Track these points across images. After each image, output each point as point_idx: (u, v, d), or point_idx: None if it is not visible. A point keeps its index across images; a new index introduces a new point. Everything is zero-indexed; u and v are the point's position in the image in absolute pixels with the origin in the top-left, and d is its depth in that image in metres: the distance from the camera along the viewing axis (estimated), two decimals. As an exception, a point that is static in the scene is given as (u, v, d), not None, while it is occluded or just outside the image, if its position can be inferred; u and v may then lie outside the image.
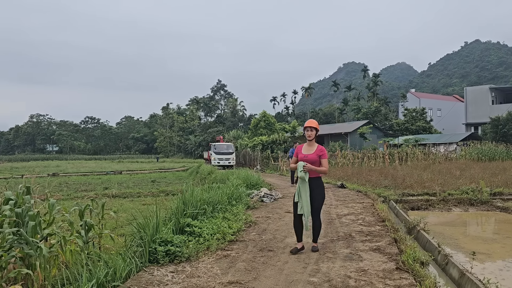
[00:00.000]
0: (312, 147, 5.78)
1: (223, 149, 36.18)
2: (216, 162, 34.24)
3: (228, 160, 35.09)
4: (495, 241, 7.71)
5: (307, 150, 5.78)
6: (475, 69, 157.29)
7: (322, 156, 5.68)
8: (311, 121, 5.84)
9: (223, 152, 35.51)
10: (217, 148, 36.05)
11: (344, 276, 4.67)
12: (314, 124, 5.77)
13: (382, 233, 6.95)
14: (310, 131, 5.74)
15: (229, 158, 35.38)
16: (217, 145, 36.93)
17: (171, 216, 6.89)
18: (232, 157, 35.77)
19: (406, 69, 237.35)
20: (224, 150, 35.93)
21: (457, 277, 4.84)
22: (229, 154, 35.65)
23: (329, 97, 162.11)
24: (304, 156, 5.67)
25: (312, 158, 5.64)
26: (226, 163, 34.76)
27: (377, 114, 64.29)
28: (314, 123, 5.80)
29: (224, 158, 34.99)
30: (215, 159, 34.74)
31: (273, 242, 6.44)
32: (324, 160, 5.68)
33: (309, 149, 5.78)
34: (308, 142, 5.82)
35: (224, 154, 35.29)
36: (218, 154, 35.16)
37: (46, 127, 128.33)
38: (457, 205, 11.27)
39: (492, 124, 42.40)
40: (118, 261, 4.64)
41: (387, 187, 13.90)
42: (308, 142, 5.83)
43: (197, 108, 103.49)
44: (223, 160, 34.79)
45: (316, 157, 5.65)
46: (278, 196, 12.42)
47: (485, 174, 15.93)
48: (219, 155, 35.01)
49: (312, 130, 5.75)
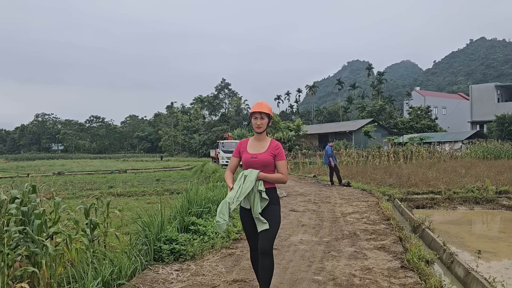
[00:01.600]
0: (262, 142, 3.88)
1: (231, 147, 33.52)
2: (225, 161, 32.10)
3: None
4: (501, 239, 7.67)
5: (256, 147, 3.87)
6: (481, 66, 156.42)
7: (279, 156, 3.80)
8: (260, 104, 3.89)
9: (231, 150, 32.17)
10: (225, 146, 33.93)
11: (349, 275, 4.66)
12: (265, 108, 3.83)
13: (387, 232, 6.93)
14: (260, 118, 3.81)
15: None
16: (226, 143, 34.90)
17: (176, 215, 6.91)
18: None
19: (411, 67, 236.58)
20: (233, 148, 33.81)
21: (463, 275, 4.82)
22: None
23: (334, 96, 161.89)
24: (252, 157, 3.78)
25: (264, 160, 3.74)
26: None
27: (381, 112, 64.11)
28: (264, 106, 3.87)
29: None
30: (223, 158, 32.61)
31: (278, 241, 6.44)
32: (282, 163, 3.80)
33: (258, 145, 3.87)
34: (257, 136, 3.91)
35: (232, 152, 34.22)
36: (226, 152, 32.76)
37: (51, 126, 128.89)
38: (462, 203, 11.21)
39: (497, 122, 42.12)
40: (123, 259, 4.66)
41: (392, 185, 13.86)
42: (256, 136, 3.92)
43: (202, 107, 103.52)
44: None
45: (269, 158, 3.76)
46: (282, 195, 12.42)
47: (490, 173, 15.85)
48: (227, 154, 32.53)
49: (263, 118, 3.82)
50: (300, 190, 14.17)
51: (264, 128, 3.86)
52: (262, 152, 3.80)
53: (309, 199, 11.57)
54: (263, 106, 3.86)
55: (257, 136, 3.91)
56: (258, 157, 3.77)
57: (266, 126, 3.87)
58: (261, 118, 3.82)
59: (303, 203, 10.87)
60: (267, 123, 3.88)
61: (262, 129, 3.84)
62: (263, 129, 3.85)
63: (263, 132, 3.88)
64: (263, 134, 3.90)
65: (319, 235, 6.80)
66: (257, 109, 3.83)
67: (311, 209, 9.68)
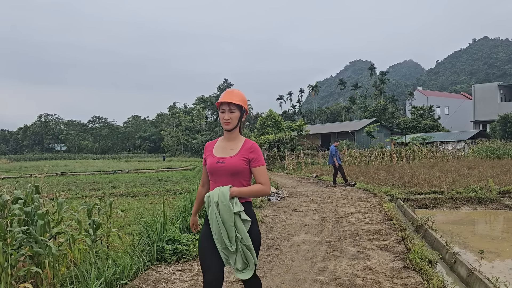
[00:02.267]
0: (233, 143, 2.96)
1: None
2: None
3: None
4: (504, 239, 7.65)
5: (224, 149, 2.96)
6: (484, 66, 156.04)
7: (255, 161, 2.88)
8: (230, 93, 2.95)
9: None
10: None
11: (351, 275, 4.66)
12: (235, 98, 2.90)
13: (389, 232, 6.92)
14: (228, 111, 2.89)
15: None
16: None
17: (178, 215, 6.92)
18: None
19: (414, 67, 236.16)
20: None
21: (465, 276, 4.81)
22: None
23: (336, 96, 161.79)
24: (218, 161, 2.87)
25: (233, 166, 2.83)
26: None
27: (384, 112, 63.99)
28: (235, 96, 2.92)
29: None
30: None
31: (280, 241, 6.44)
32: (260, 170, 2.87)
33: (227, 147, 2.96)
34: (226, 134, 2.99)
35: None
36: None
37: (54, 126, 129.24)
38: (465, 203, 11.18)
39: (500, 122, 42.01)
40: (126, 259, 4.67)
41: (395, 185, 13.84)
42: (225, 134, 3.00)
43: (204, 107, 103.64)
44: None
45: (241, 164, 2.84)
46: (285, 195, 12.43)
47: (493, 172, 15.80)
48: None
49: (233, 111, 2.89)
50: (303, 190, 14.17)
51: (234, 124, 2.92)
52: (231, 155, 2.87)
53: (311, 199, 11.57)
54: (233, 95, 2.91)
55: (227, 135, 2.97)
56: (225, 161, 2.83)
57: (237, 121, 2.92)
58: (230, 111, 2.88)
59: (305, 203, 10.88)
60: (239, 117, 2.92)
61: (231, 125, 2.90)
62: (233, 126, 2.91)
63: (235, 130, 2.94)
64: (234, 132, 2.95)
65: (322, 235, 6.80)
66: (225, 99, 2.88)
67: (314, 209, 9.68)
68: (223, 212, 2.72)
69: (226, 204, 2.71)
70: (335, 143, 16.81)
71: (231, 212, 2.70)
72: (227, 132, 2.95)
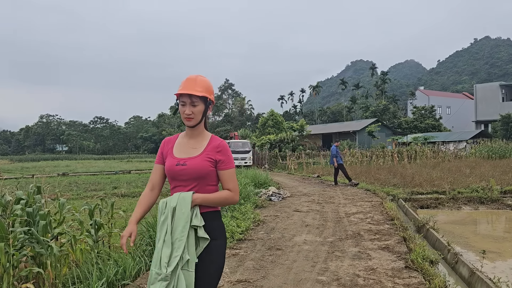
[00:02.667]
0: (196, 141, 2.49)
1: (238, 147, 31.69)
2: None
3: (244, 160, 30.59)
4: (505, 239, 7.64)
5: (186, 147, 2.47)
6: (485, 66, 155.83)
7: (223, 162, 2.43)
8: (191, 81, 2.39)
9: (238, 151, 30.90)
10: (231, 146, 30.79)
11: (352, 275, 4.66)
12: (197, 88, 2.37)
13: (391, 232, 6.92)
14: (190, 104, 2.38)
15: (245, 158, 30.98)
16: (232, 143, 32.46)
17: (180, 215, 6.92)
18: (249, 156, 31.40)
19: (415, 67, 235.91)
20: (240, 149, 31.43)
21: (467, 276, 4.80)
22: (245, 153, 31.30)
23: (337, 96, 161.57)
24: (177, 163, 2.39)
25: (197, 168, 2.36)
26: (242, 163, 29.92)
27: (385, 112, 63.92)
28: (198, 85, 2.39)
29: (240, 157, 30.44)
30: None
31: (282, 241, 6.44)
32: (228, 173, 2.42)
33: (189, 145, 2.48)
34: (189, 131, 2.51)
35: (240, 153, 30.78)
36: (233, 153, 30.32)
37: (55, 127, 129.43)
38: (467, 203, 11.17)
39: (502, 122, 41.93)
40: (128, 259, 4.68)
41: (396, 185, 13.83)
42: (187, 130, 2.52)
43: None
44: (238, 160, 30.08)
45: (205, 165, 2.37)
46: (286, 195, 12.42)
47: (495, 172, 15.77)
48: (234, 154, 29.57)
49: (195, 104, 2.38)
50: (304, 190, 14.16)
51: (198, 120, 2.38)
52: (194, 155, 2.36)
53: (312, 199, 11.57)
54: (196, 85, 2.33)
55: (189, 131, 2.45)
56: (187, 163, 2.32)
57: (201, 116, 2.38)
58: (191, 105, 2.33)
59: (307, 203, 10.87)
60: (203, 111, 2.38)
61: (194, 121, 2.37)
62: (196, 121, 2.38)
63: (198, 126, 2.42)
64: (197, 128, 2.43)
65: (323, 235, 6.80)
66: (185, 89, 2.31)
67: (315, 209, 9.67)
68: (178, 222, 2.20)
69: (185, 213, 2.21)
70: (336, 143, 16.79)
71: (187, 224, 2.19)
72: (190, 129, 2.44)
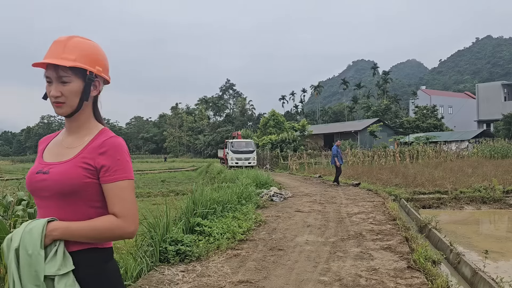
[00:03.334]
0: (75, 138, 1.59)
1: (241, 146, 30.81)
2: (234, 163, 28.97)
3: (248, 160, 29.43)
4: (508, 239, 7.61)
5: (59, 148, 1.58)
6: (487, 65, 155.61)
7: (106, 170, 1.49)
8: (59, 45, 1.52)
9: (242, 151, 30.14)
10: (234, 146, 30.67)
11: (355, 275, 4.64)
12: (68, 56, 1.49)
13: (393, 232, 6.90)
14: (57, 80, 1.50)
15: (249, 158, 29.85)
16: (235, 142, 31.57)
17: (181, 216, 6.92)
18: (252, 156, 30.24)
19: (417, 66, 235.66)
20: (243, 148, 30.59)
21: (470, 276, 4.78)
22: (249, 153, 30.22)
23: (339, 95, 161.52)
24: (39, 171, 1.50)
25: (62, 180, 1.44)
26: (246, 163, 28.65)
27: (387, 112, 63.80)
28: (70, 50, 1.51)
29: (244, 157, 29.58)
30: (232, 158, 29.49)
31: (283, 241, 6.43)
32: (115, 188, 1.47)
33: (65, 144, 1.58)
34: (67, 123, 1.61)
35: (243, 153, 29.97)
36: (236, 153, 29.86)
37: (57, 128, 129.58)
38: (469, 203, 11.14)
39: (504, 121, 41.78)
40: (129, 260, 4.67)
41: (398, 185, 13.81)
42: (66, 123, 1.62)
43: (206, 108, 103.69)
44: (242, 160, 29.32)
45: (77, 175, 1.45)
46: (287, 195, 12.41)
47: (497, 172, 15.73)
48: (237, 154, 29.76)
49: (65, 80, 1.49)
50: (306, 191, 14.15)
51: (73, 106, 1.56)
52: (64, 160, 1.53)
53: (314, 200, 11.55)
54: (65, 50, 1.53)
55: (67, 123, 1.63)
56: (51, 171, 1.50)
57: (77, 99, 1.55)
58: (59, 81, 1.52)
59: (308, 203, 10.86)
60: (81, 91, 1.56)
61: (67, 107, 1.55)
62: (70, 108, 1.56)
63: (78, 115, 1.60)
64: (77, 120, 1.61)
65: (325, 236, 6.78)
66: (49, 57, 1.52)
67: (317, 210, 9.66)
68: (26, 270, 1.36)
69: (32, 255, 1.36)
70: (337, 143, 16.77)
71: (38, 274, 1.35)
72: (67, 120, 1.61)
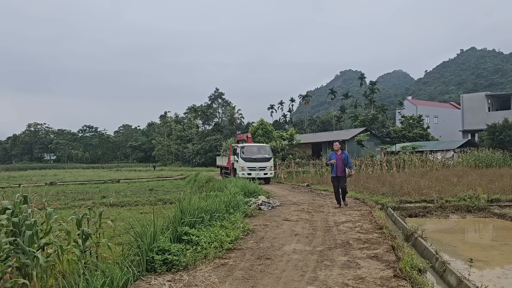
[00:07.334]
0: None
1: (253, 153, 23.75)
2: (246, 173, 22.18)
3: (263, 171, 23.15)
4: (493, 248, 7.72)
5: None
6: (471, 76, 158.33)
7: None
8: None
9: (256, 158, 23.33)
10: (246, 152, 23.52)
11: (341, 284, 4.66)
12: None
13: (379, 241, 6.95)
14: None
15: (265, 168, 23.30)
16: (246, 147, 24.21)
17: (169, 225, 6.89)
18: (269, 165, 23.60)
19: (403, 77, 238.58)
20: (256, 155, 23.60)
21: (455, 284, 4.84)
22: (264, 161, 23.50)
23: (327, 105, 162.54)
24: None
25: None
26: (261, 174, 22.87)
27: (374, 121, 64.47)
28: None
29: (258, 167, 23.04)
30: (243, 168, 22.80)
31: (271, 250, 6.43)
32: None
33: None
34: None
35: (257, 161, 23.26)
36: (248, 161, 23.06)
37: (43, 136, 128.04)
38: (454, 212, 11.27)
39: (488, 131, 42.52)
40: (116, 270, 4.62)
41: (385, 194, 13.91)
42: None
43: (195, 116, 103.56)
44: (256, 170, 22.84)
45: None
46: (276, 204, 12.41)
47: (482, 181, 15.97)
48: (250, 163, 23.00)
49: None
50: (294, 199, 14.17)
51: None
52: None
53: (302, 208, 11.58)
54: None
55: None
56: None
57: None
58: None
59: (296, 212, 10.87)
60: None
61: None
62: None
63: None
64: None
65: (312, 245, 6.80)
66: None
67: (304, 218, 9.68)
68: None
69: None
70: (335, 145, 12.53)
71: None
72: None
